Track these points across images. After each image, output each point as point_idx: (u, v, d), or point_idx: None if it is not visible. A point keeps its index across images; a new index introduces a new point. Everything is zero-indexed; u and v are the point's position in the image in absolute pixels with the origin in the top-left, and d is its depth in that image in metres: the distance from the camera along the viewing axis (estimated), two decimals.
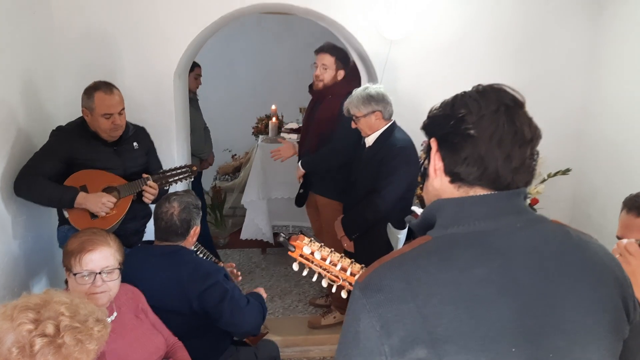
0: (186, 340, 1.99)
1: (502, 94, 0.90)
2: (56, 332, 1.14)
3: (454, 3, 3.22)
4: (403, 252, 0.87)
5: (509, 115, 0.88)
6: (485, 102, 0.88)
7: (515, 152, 0.87)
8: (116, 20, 2.95)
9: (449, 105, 0.92)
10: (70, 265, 1.65)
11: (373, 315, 0.80)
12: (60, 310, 1.18)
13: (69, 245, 1.68)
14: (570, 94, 3.41)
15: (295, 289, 3.92)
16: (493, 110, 0.87)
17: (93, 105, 2.37)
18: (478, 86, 0.93)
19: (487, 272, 0.81)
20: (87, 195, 2.35)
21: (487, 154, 0.86)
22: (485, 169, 0.87)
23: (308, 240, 1.32)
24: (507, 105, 0.88)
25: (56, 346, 1.13)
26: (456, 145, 0.88)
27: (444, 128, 0.90)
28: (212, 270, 2.05)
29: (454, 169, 0.89)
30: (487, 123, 0.87)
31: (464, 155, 0.87)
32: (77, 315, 1.20)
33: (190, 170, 2.64)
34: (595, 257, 0.90)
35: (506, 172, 0.87)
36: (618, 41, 3.13)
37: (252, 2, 3.05)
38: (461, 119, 0.88)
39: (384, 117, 2.68)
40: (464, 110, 0.89)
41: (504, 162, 0.87)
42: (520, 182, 0.89)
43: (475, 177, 0.88)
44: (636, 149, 2.94)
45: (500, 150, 0.86)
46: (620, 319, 0.87)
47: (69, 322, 1.17)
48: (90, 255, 1.64)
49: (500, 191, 0.88)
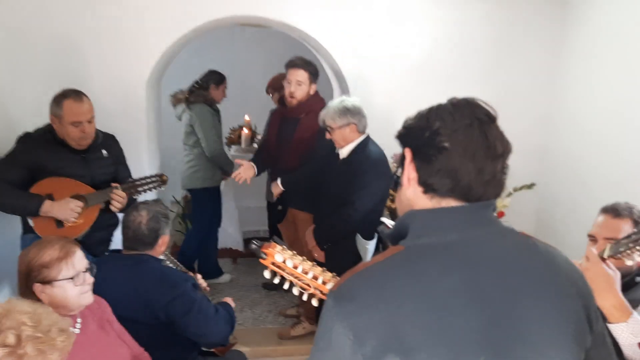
0: (153, 351, 1.95)
1: (476, 108, 0.92)
2: (17, 342, 1.13)
3: (424, 22, 3.32)
4: (376, 261, 0.88)
5: (482, 130, 0.89)
6: (459, 115, 0.90)
7: (487, 166, 0.89)
8: (85, 26, 2.91)
9: (424, 117, 0.93)
10: (57, 273, 1.62)
11: (346, 324, 0.81)
12: (22, 320, 1.16)
13: (45, 256, 1.64)
14: (534, 110, 3.53)
15: (265, 300, 3.90)
16: (467, 124, 0.89)
17: (62, 112, 2.33)
18: (452, 99, 0.94)
19: (456, 283, 0.83)
20: (53, 203, 2.30)
21: (460, 167, 0.88)
22: (457, 181, 0.88)
23: (280, 248, 1.32)
24: (480, 120, 0.90)
25: (17, 356, 1.12)
26: (430, 156, 0.89)
27: (419, 139, 0.91)
28: (180, 280, 2.02)
29: (427, 180, 0.90)
30: (461, 137, 0.88)
31: (438, 167, 0.89)
32: (39, 325, 1.18)
33: (160, 180, 2.62)
34: (559, 268, 0.92)
35: (478, 185, 0.89)
36: (581, 59, 3.27)
37: (228, 14, 3.07)
38: (436, 131, 0.89)
39: (358, 129, 2.71)
40: (438, 123, 0.90)
41: (476, 175, 0.88)
42: (490, 195, 0.91)
43: (448, 189, 0.89)
44: (598, 163, 3.04)
45: (473, 163, 0.88)
46: (583, 330, 0.90)
47: (31, 332, 1.15)
48: (75, 257, 1.66)
49: (471, 203, 0.90)
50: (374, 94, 3.29)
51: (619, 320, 1.40)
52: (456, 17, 3.33)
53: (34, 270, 1.65)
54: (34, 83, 2.83)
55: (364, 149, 2.71)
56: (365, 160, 2.67)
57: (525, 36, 3.42)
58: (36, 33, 2.86)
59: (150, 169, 3.17)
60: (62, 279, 1.62)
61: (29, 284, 1.66)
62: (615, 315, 1.41)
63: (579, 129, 3.26)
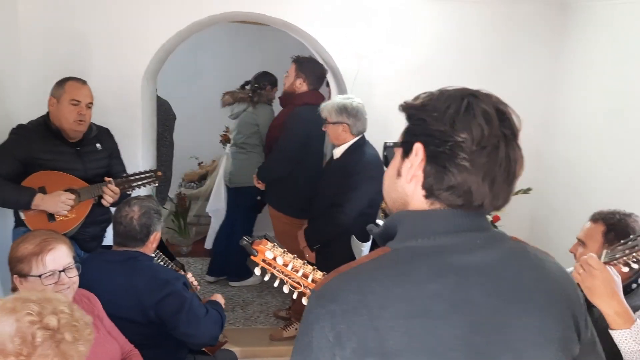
0: (143, 349, 1.94)
1: (505, 120, 0.85)
2: (58, 327, 1.17)
3: (423, 24, 3.31)
4: (361, 262, 0.86)
5: (507, 152, 0.84)
6: (488, 130, 0.82)
7: (504, 191, 0.86)
8: (83, 20, 2.89)
9: (450, 116, 0.83)
10: (29, 268, 1.61)
11: (326, 325, 0.79)
12: (61, 307, 1.20)
13: (21, 250, 1.64)
14: (532, 114, 3.51)
15: (257, 300, 3.88)
16: (494, 145, 0.82)
17: (62, 91, 2.35)
18: (481, 96, 0.86)
19: (440, 288, 0.80)
20: (44, 196, 2.28)
21: (476, 190, 0.83)
22: (470, 202, 0.85)
23: (271, 245, 1.31)
24: (506, 138, 0.84)
25: (56, 341, 1.15)
26: (445, 170, 0.83)
27: (437, 144, 0.84)
28: (171, 278, 2.01)
29: (435, 190, 0.85)
30: (484, 159, 0.82)
31: (452, 183, 0.83)
32: (74, 314, 1.23)
33: (155, 176, 2.60)
34: (550, 275, 0.90)
35: (489, 206, 0.86)
36: (579, 64, 3.27)
37: (225, 10, 3.05)
38: (459, 144, 0.82)
39: (351, 131, 2.68)
40: (465, 135, 0.82)
41: (491, 200, 0.85)
42: (492, 209, 0.89)
43: (457, 205, 0.85)
44: (595, 169, 3.04)
45: (490, 189, 0.84)
46: (571, 338, 0.88)
47: (68, 319, 1.20)
48: (51, 254, 1.63)
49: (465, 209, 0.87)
50: (373, 95, 3.27)
51: (621, 327, 1.38)
52: (455, 20, 3.33)
53: (11, 262, 1.66)
54: (31, 75, 2.81)
55: (357, 151, 2.69)
56: (357, 162, 2.64)
57: (524, 41, 3.42)
58: (34, 24, 2.84)
59: (145, 164, 3.15)
60: (32, 275, 1.61)
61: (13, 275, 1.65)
62: (618, 322, 1.39)
63: (575, 134, 3.26)
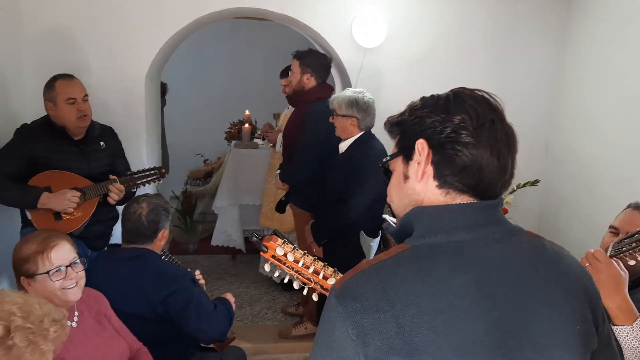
0: (152, 346, 1.94)
1: (490, 104, 0.88)
2: (5, 333, 1.12)
3: (426, 16, 3.28)
4: (380, 259, 0.85)
5: (503, 125, 0.86)
6: (482, 109, 0.86)
7: (509, 163, 0.87)
8: (86, 19, 2.88)
9: (442, 107, 0.87)
10: (36, 267, 1.61)
11: (349, 323, 0.78)
12: (12, 311, 1.15)
13: (24, 250, 1.64)
14: (538, 106, 3.50)
15: (264, 297, 3.88)
16: (490, 120, 0.85)
17: (54, 93, 2.33)
18: (463, 90, 0.90)
19: (464, 284, 0.80)
20: (50, 195, 2.27)
21: (487, 164, 0.84)
22: (481, 180, 0.85)
23: (281, 241, 1.30)
24: (497, 114, 0.87)
25: (6, 347, 1.11)
26: (454, 152, 0.85)
27: (439, 132, 0.86)
28: (179, 275, 2.01)
29: (448, 176, 0.86)
30: (486, 133, 0.84)
31: (463, 164, 0.85)
32: (30, 315, 1.17)
33: (159, 173, 2.59)
34: (568, 269, 0.90)
35: (498, 183, 0.87)
36: (585, 54, 3.24)
37: (228, 6, 3.04)
38: (459, 125, 0.85)
39: (359, 126, 2.66)
40: (461, 116, 0.85)
41: (499, 173, 0.86)
42: (501, 193, 0.89)
43: (470, 187, 0.86)
44: (602, 160, 3.02)
45: (498, 161, 0.85)
46: (590, 332, 0.88)
47: (20, 322, 1.14)
48: (56, 250, 1.64)
49: (480, 201, 0.87)
50: (377, 89, 3.26)
51: (624, 323, 1.38)
52: (460, 11, 3.30)
53: (17, 263, 1.65)
54: (34, 75, 2.80)
55: (363, 144, 2.67)
56: (363, 156, 2.61)
57: (529, 31, 3.39)
58: (37, 24, 2.83)
59: (149, 162, 3.14)
60: (40, 273, 1.61)
61: (19, 278, 1.65)
62: (620, 318, 1.38)
63: (583, 125, 3.23)
